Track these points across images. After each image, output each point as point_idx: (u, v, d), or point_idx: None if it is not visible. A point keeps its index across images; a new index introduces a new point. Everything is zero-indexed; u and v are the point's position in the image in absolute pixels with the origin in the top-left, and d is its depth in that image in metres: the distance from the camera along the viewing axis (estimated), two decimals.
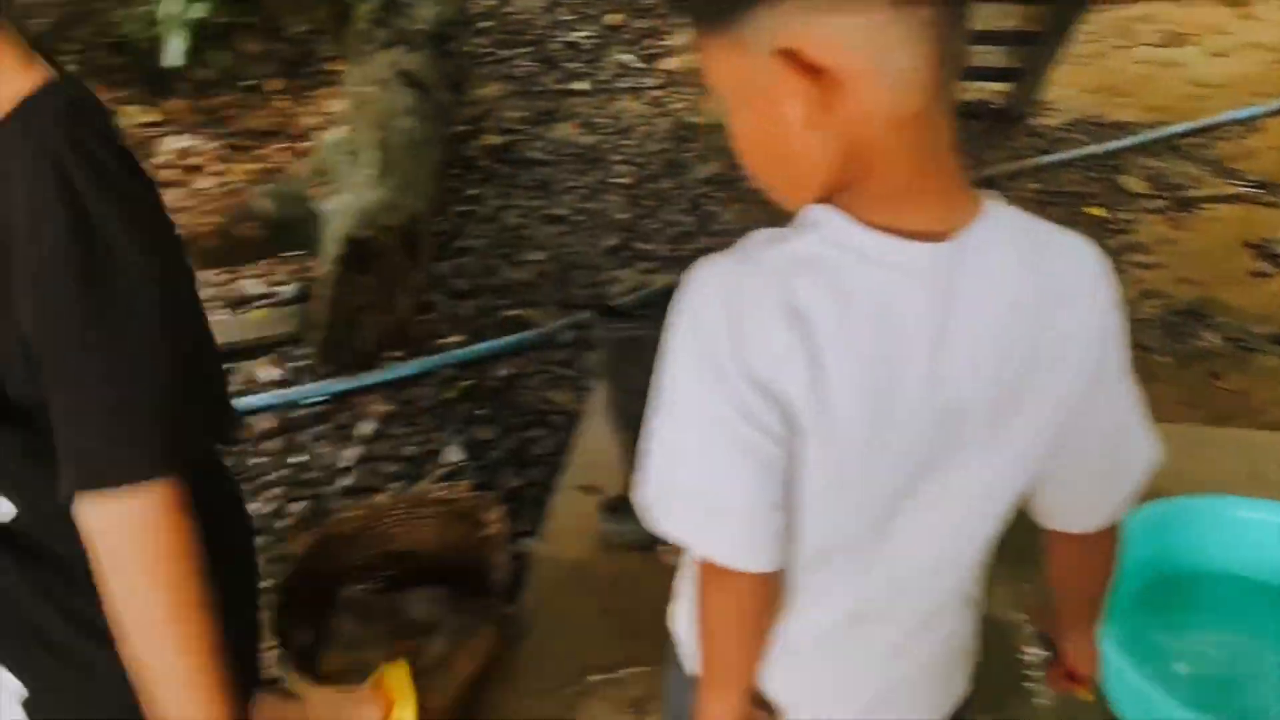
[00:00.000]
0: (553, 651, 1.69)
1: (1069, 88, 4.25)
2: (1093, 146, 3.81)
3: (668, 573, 1.76)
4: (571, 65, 4.79)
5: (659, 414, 0.84)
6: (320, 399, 2.73)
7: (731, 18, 0.77)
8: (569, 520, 1.95)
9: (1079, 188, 3.59)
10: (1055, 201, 3.50)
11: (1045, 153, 3.80)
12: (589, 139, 4.13)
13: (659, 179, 3.81)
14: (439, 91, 3.90)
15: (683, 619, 1.05)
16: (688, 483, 0.83)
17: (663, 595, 1.73)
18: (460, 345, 2.93)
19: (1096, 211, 3.45)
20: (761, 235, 0.81)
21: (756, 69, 0.76)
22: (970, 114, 4.06)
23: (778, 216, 0.84)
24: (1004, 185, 3.59)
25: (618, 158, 3.98)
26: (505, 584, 1.67)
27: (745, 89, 0.79)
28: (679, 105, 4.36)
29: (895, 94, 0.73)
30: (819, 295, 0.77)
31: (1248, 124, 3.95)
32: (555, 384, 2.80)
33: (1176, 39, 4.66)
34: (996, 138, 3.90)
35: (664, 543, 1.79)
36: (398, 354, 2.87)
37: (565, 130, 4.21)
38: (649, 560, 1.83)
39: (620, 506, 1.90)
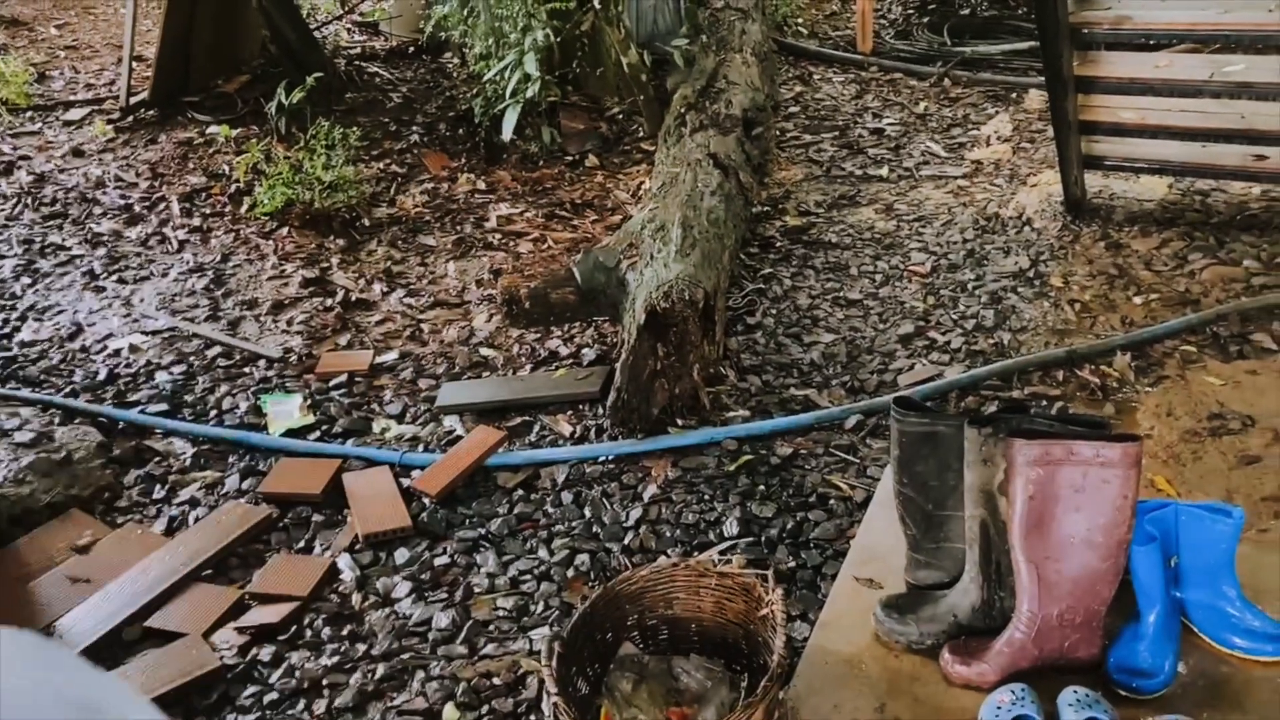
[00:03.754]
0: None
1: None
2: None
3: (946, 682, 1.71)
4: (875, 151, 4.82)
5: None
6: (611, 458, 2.87)
7: None
8: (846, 612, 1.93)
9: None
10: None
11: None
12: (888, 225, 4.13)
13: (958, 269, 3.73)
14: (743, 173, 4.04)
15: None
16: None
17: (941, 703, 1.68)
18: (744, 419, 2.99)
19: None
20: None
21: None
22: None
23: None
24: None
25: (916, 244, 3.95)
26: (782, 666, 1.68)
27: None
28: (984, 195, 4.27)
29: None
30: None
31: None
32: (838, 468, 2.79)
33: None
34: None
35: (949, 653, 1.74)
36: (686, 422, 2.97)
37: (865, 215, 4.23)
38: (928, 665, 1.78)
39: (901, 605, 1.86)
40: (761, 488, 2.73)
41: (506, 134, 4.62)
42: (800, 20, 6.47)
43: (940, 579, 1.90)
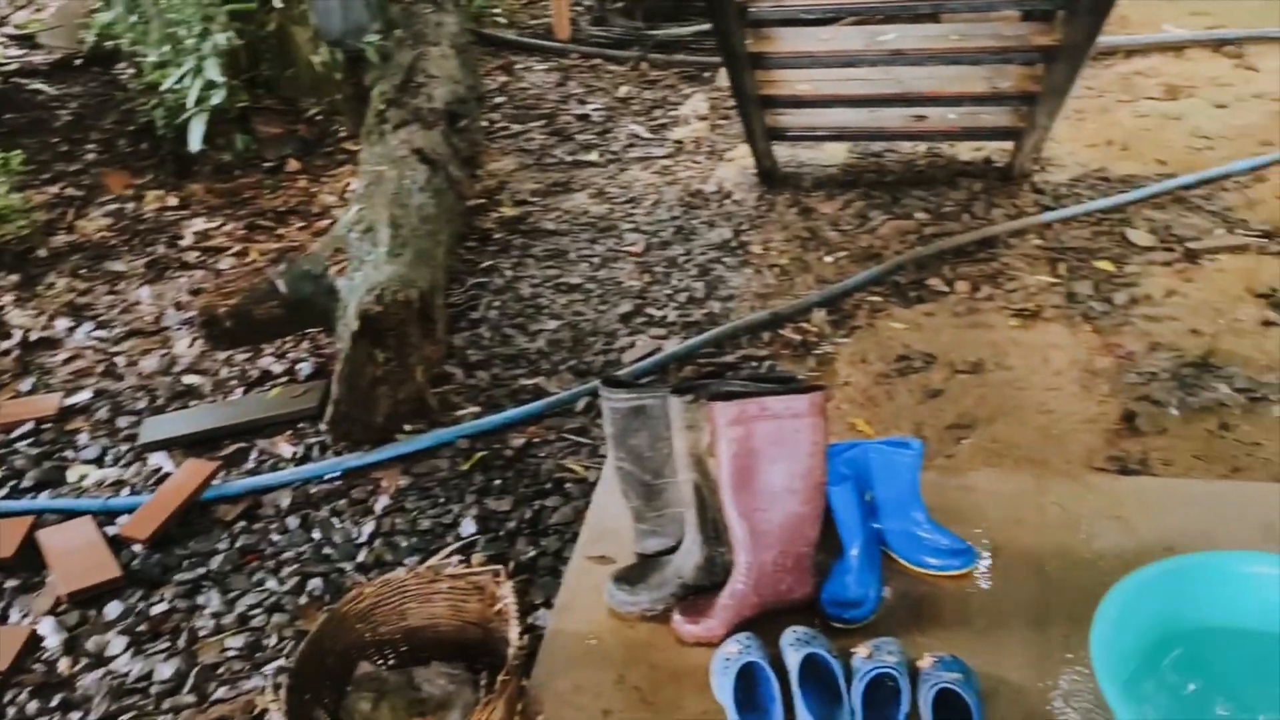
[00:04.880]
0: None
1: (1072, 143, 4.30)
2: (1098, 201, 3.84)
3: (680, 643, 1.78)
4: (583, 137, 4.90)
5: None
6: (337, 474, 2.77)
7: None
8: (581, 592, 1.96)
9: (1086, 243, 3.62)
10: (1062, 257, 3.53)
11: (1049, 209, 3.84)
12: (601, 208, 4.21)
13: (669, 245, 3.87)
14: (452, 167, 3.99)
15: None
16: None
17: (676, 665, 1.74)
18: (475, 416, 2.97)
19: (1105, 265, 3.47)
20: None
21: None
22: (973, 174, 4.12)
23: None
24: (1008, 243, 3.63)
25: (629, 225, 4.05)
26: (519, 658, 1.68)
27: None
28: (687, 173, 4.44)
29: None
30: None
31: (1252, 173, 3.97)
32: (570, 451, 2.83)
33: (1177, 92, 4.71)
34: (1000, 196, 3.94)
35: (679, 614, 1.81)
36: (415, 426, 2.91)
37: (579, 200, 4.29)
38: (661, 631, 1.84)
39: (631, 577, 1.91)
40: (498, 482, 2.73)
41: (194, 145, 4.33)
42: (497, 10, 6.46)
43: (667, 545, 1.97)
